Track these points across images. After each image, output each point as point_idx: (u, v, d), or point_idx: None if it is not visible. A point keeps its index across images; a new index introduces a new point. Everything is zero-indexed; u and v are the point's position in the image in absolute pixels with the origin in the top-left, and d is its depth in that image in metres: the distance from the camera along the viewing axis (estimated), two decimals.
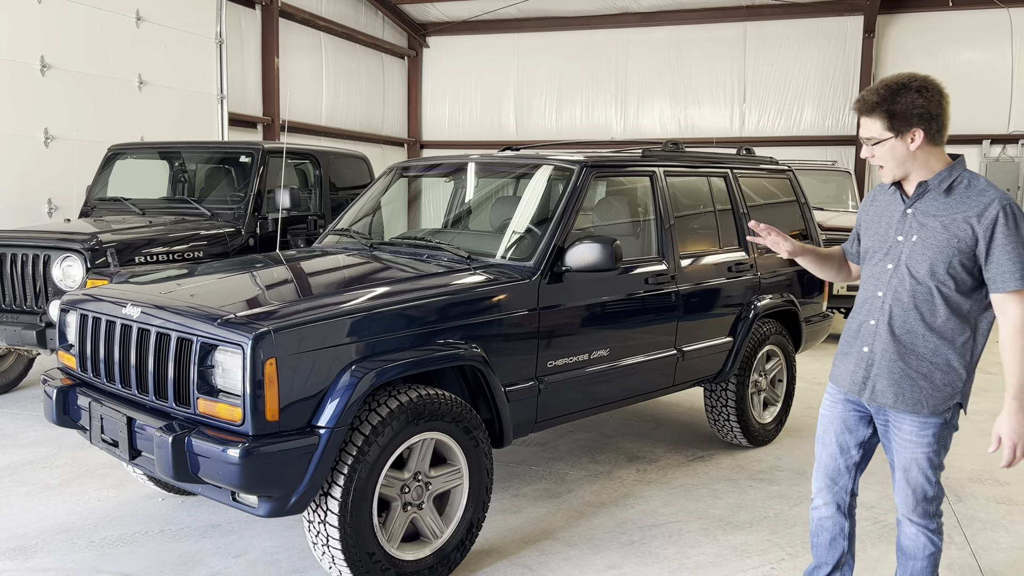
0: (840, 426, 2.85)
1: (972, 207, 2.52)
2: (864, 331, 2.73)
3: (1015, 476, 4.90)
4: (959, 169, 2.62)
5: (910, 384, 2.62)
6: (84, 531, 3.94)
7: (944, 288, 2.56)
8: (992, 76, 13.33)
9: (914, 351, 2.61)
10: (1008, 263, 2.47)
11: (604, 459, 5.11)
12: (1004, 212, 2.49)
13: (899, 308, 2.62)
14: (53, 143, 8.74)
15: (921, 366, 2.61)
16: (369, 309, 3.27)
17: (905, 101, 2.52)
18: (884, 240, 2.70)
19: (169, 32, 10.25)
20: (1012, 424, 2.51)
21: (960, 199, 2.56)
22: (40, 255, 5.61)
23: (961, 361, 2.61)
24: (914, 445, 2.67)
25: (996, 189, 2.56)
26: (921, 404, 2.62)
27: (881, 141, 2.58)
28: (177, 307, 3.25)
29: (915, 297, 2.59)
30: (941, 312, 2.57)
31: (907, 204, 2.65)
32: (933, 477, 2.69)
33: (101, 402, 3.37)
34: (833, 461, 2.87)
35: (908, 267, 2.60)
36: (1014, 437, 2.51)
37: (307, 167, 7.39)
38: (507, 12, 15.28)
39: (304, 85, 13.73)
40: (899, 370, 2.64)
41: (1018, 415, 2.51)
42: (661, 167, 4.73)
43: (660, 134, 14.97)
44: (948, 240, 2.53)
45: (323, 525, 3.11)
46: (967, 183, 2.58)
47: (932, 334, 2.59)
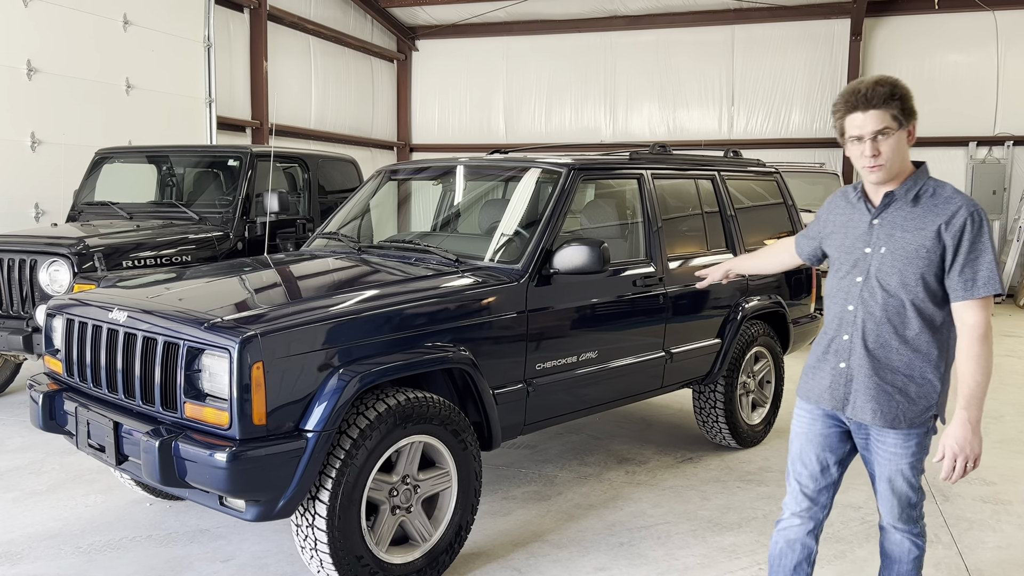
0: (821, 444, 2.74)
1: (940, 215, 2.46)
2: (838, 346, 2.64)
3: (1001, 476, 4.93)
4: (924, 177, 2.55)
5: (887, 399, 2.55)
6: (71, 537, 3.92)
7: (916, 300, 2.49)
8: (978, 78, 13.42)
9: (888, 365, 2.54)
10: (969, 271, 2.43)
11: (593, 461, 5.11)
12: (972, 219, 2.43)
13: (872, 322, 2.55)
14: (40, 147, 8.70)
15: (896, 380, 2.54)
16: (357, 312, 3.27)
17: (905, 93, 2.48)
18: (851, 252, 2.62)
19: (157, 36, 10.22)
20: (957, 436, 2.43)
21: (927, 208, 2.49)
22: (27, 259, 5.58)
23: (936, 373, 2.55)
24: (898, 457, 2.61)
25: (962, 196, 2.50)
26: (899, 419, 2.55)
27: (891, 134, 2.46)
28: (164, 311, 3.24)
29: (887, 310, 2.52)
30: (914, 325, 2.50)
31: (873, 215, 2.57)
32: (916, 483, 2.66)
33: (88, 407, 3.35)
34: (814, 482, 2.75)
35: (878, 280, 2.53)
36: (956, 449, 2.44)
37: (296, 171, 7.38)
38: (496, 16, 15.30)
39: (293, 89, 13.70)
40: (875, 385, 2.56)
41: (965, 427, 2.44)
42: (649, 170, 4.74)
43: (649, 137, 15.00)
44: (917, 251, 2.47)
45: (311, 529, 3.11)
46: (932, 191, 2.52)
47: (906, 347, 2.52)
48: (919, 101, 2.52)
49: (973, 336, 2.44)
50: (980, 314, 2.45)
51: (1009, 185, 13.51)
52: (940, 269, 2.46)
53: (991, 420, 6.14)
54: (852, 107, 2.49)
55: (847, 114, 2.51)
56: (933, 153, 13.82)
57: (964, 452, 2.43)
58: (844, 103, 2.52)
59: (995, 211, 13.55)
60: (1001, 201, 13.52)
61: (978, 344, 2.44)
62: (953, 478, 2.46)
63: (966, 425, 2.43)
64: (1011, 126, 13.34)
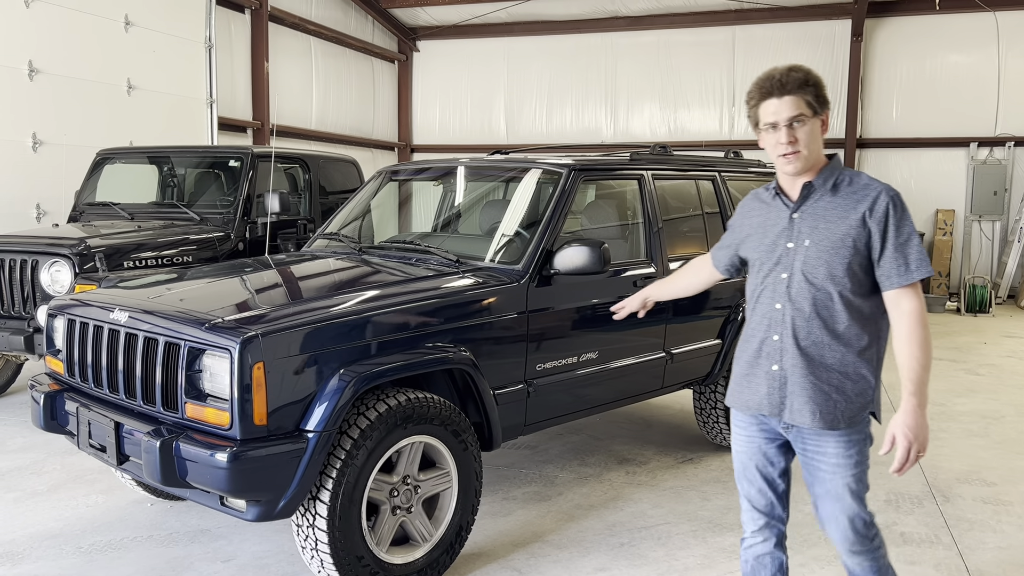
0: (761, 459, 2.63)
1: (862, 203, 2.38)
2: (768, 348, 2.51)
3: (1002, 476, 4.93)
4: (839, 167, 2.49)
5: (824, 399, 2.43)
6: (72, 537, 3.93)
7: (844, 291, 2.40)
8: (979, 79, 13.41)
9: (823, 363, 2.43)
10: (900, 256, 2.35)
11: (594, 462, 5.11)
12: (892, 203, 2.37)
13: (801, 319, 2.43)
14: (41, 148, 8.71)
15: (832, 378, 2.43)
16: (358, 313, 3.27)
17: (819, 81, 2.43)
18: (773, 250, 2.51)
19: (158, 36, 10.22)
20: (909, 422, 2.32)
21: (847, 197, 2.41)
22: (28, 260, 5.59)
23: (869, 368, 2.45)
24: (843, 468, 2.47)
25: (879, 182, 2.42)
26: (838, 419, 2.43)
27: (806, 121, 2.39)
28: (165, 311, 3.25)
29: (816, 305, 2.42)
30: (843, 318, 2.41)
31: (793, 208, 2.48)
32: (863, 499, 2.50)
33: (89, 407, 3.36)
34: (764, 497, 2.64)
35: (804, 274, 2.43)
36: (909, 435, 2.32)
37: (297, 171, 7.38)
38: (497, 16, 15.30)
39: (294, 89, 13.71)
40: (811, 385, 2.44)
41: (917, 412, 2.32)
42: (649, 170, 4.74)
43: (650, 137, 14.99)
44: (843, 240, 2.38)
45: (312, 529, 3.11)
46: (849, 180, 2.45)
47: (837, 342, 2.42)
48: (920, 102, 2.53)
49: (913, 321, 2.34)
50: (916, 298, 2.36)
51: (1010, 186, 13.50)
52: (866, 259, 2.39)
53: (992, 421, 6.15)
54: (767, 93, 2.42)
55: (761, 101, 2.43)
56: (934, 154, 13.84)
57: (918, 439, 2.32)
58: (758, 90, 2.44)
59: (996, 212, 13.55)
60: (1002, 202, 13.52)
61: (920, 328, 2.34)
62: (905, 468, 2.33)
63: (916, 411, 2.32)
64: (1012, 127, 13.34)
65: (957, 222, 13.78)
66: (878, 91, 14.04)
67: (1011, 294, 13.19)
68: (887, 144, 13.99)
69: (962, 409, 6.50)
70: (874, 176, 2.48)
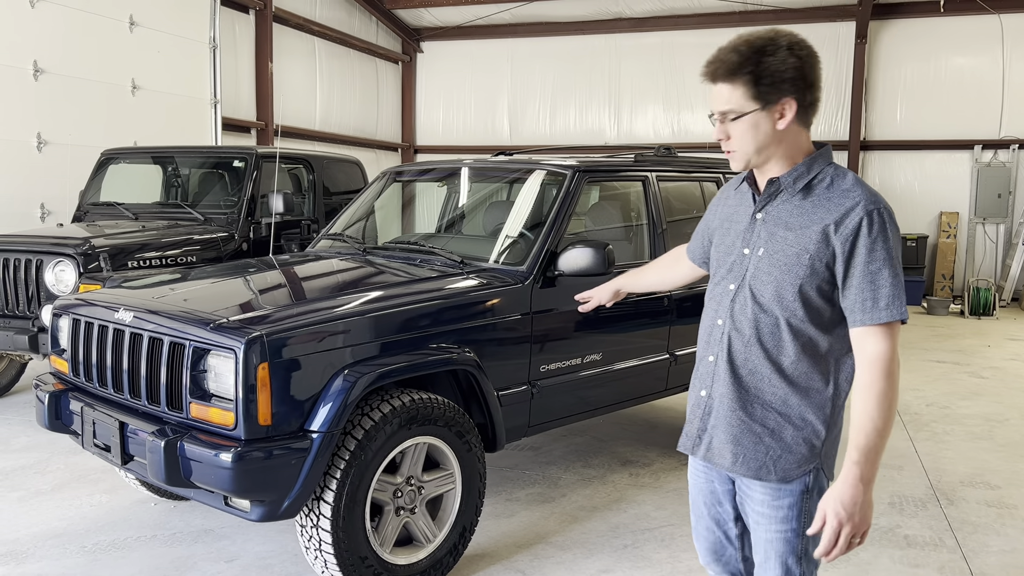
0: (708, 498, 2.22)
1: (831, 212, 1.90)
2: (703, 370, 2.11)
3: (1006, 480, 4.92)
4: (822, 163, 1.98)
5: (752, 441, 1.99)
6: (76, 536, 3.93)
7: (794, 319, 1.93)
8: (983, 81, 13.39)
9: (759, 398, 1.99)
10: (868, 288, 1.86)
11: (597, 463, 5.11)
12: (869, 220, 1.86)
13: (739, 341, 2.01)
14: (46, 148, 8.72)
15: (767, 418, 1.98)
16: (362, 313, 3.27)
17: (775, 60, 1.89)
18: (729, 252, 2.09)
19: (163, 37, 10.24)
20: (843, 497, 1.82)
21: (819, 202, 1.93)
22: (33, 260, 5.60)
23: (819, 415, 1.97)
24: (768, 520, 2.02)
25: (864, 189, 1.92)
26: (767, 468, 1.98)
27: (741, 115, 1.93)
28: (170, 311, 3.25)
29: (758, 328, 1.97)
30: (790, 350, 1.95)
31: (757, 206, 2.03)
32: (797, 570, 2.01)
33: (93, 407, 3.36)
34: (711, 534, 2.24)
35: (752, 289, 1.99)
36: (841, 514, 1.81)
37: (300, 172, 7.39)
38: (501, 18, 15.31)
39: (298, 90, 13.72)
40: (738, 422, 2.01)
41: (856, 486, 1.82)
42: (654, 172, 4.74)
43: (653, 139, 15.00)
44: (798, 256, 1.92)
45: (316, 529, 3.11)
46: (830, 181, 1.95)
47: (780, 378, 1.96)
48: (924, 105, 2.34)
49: (875, 371, 1.86)
50: (883, 343, 1.88)
51: (1014, 188, 13.48)
52: (828, 282, 1.92)
53: (996, 423, 6.14)
54: (706, 75, 1.99)
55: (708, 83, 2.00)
56: (938, 156, 13.82)
57: (852, 519, 1.82)
58: (703, 71, 2.00)
59: (1000, 215, 13.53)
60: (1006, 204, 13.50)
61: (881, 380, 1.86)
62: (833, 554, 1.83)
63: (856, 485, 1.81)
64: (1016, 129, 13.32)
65: (961, 225, 13.76)
66: (882, 93, 14.02)
67: (1015, 297, 13.17)
68: (891, 146, 13.98)
69: (966, 412, 6.49)
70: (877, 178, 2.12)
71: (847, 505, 1.81)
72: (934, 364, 8.39)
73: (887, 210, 1.89)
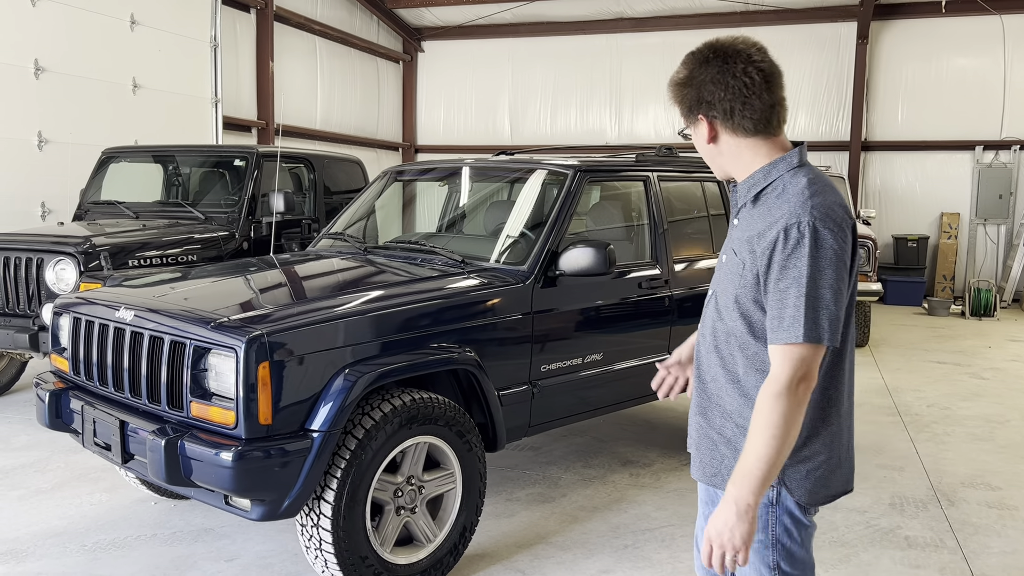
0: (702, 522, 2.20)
1: (763, 221, 1.84)
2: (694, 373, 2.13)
3: (1007, 480, 4.91)
4: (781, 169, 1.88)
5: (709, 448, 1.99)
6: (76, 535, 3.93)
7: (737, 330, 1.90)
8: (985, 82, 13.38)
9: (719, 405, 1.97)
10: (776, 305, 1.78)
11: (598, 463, 5.11)
12: (785, 235, 1.76)
13: (703, 346, 2.02)
14: (47, 146, 8.72)
15: (725, 427, 1.95)
16: (363, 313, 3.27)
17: (699, 75, 1.90)
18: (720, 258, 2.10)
19: (164, 36, 10.24)
20: (715, 516, 1.80)
21: (762, 212, 1.86)
22: (33, 258, 5.60)
23: None
24: None
25: (800, 200, 1.80)
26: (720, 476, 1.96)
27: (694, 132, 1.97)
28: (171, 310, 3.25)
29: (716, 335, 1.97)
30: (740, 361, 1.91)
31: (733, 213, 2.03)
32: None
33: (94, 406, 3.36)
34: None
35: (716, 296, 2.00)
36: (710, 532, 1.80)
37: (301, 171, 7.39)
38: (502, 17, 15.30)
39: (299, 89, 13.72)
40: (698, 428, 2.03)
41: (726, 508, 1.78)
42: (655, 172, 4.74)
43: (655, 139, 14.99)
44: (739, 266, 1.89)
45: (316, 529, 3.11)
46: (782, 188, 1.86)
47: (734, 388, 1.93)
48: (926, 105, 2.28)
49: (766, 392, 1.77)
50: (780, 366, 1.76)
51: (1015, 189, 13.47)
52: (760, 295, 1.86)
53: (996, 425, 6.13)
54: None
55: None
56: (939, 157, 13.81)
57: (722, 538, 1.78)
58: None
59: (1001, 215, 13.53)
60: (1007, 205, 13.49)
61: (769, 404, 1.75)
62: (716, 570, 1.83)
63: (730, 506, 1.77)
64: (1018, 130, 13.31)
65: (962, 225, 13.75)
66: (883, 94, 14.02)
67: (1016, 298, 13.16)
68: (892, 147, 13.97)
69: (967, 413, 6.48)
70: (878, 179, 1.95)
71: (716, 525, 1.80)
72: (935, 365, 8.39)
73: (811, 226, 1.75)
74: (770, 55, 1.90)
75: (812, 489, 1.92)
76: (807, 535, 1.97)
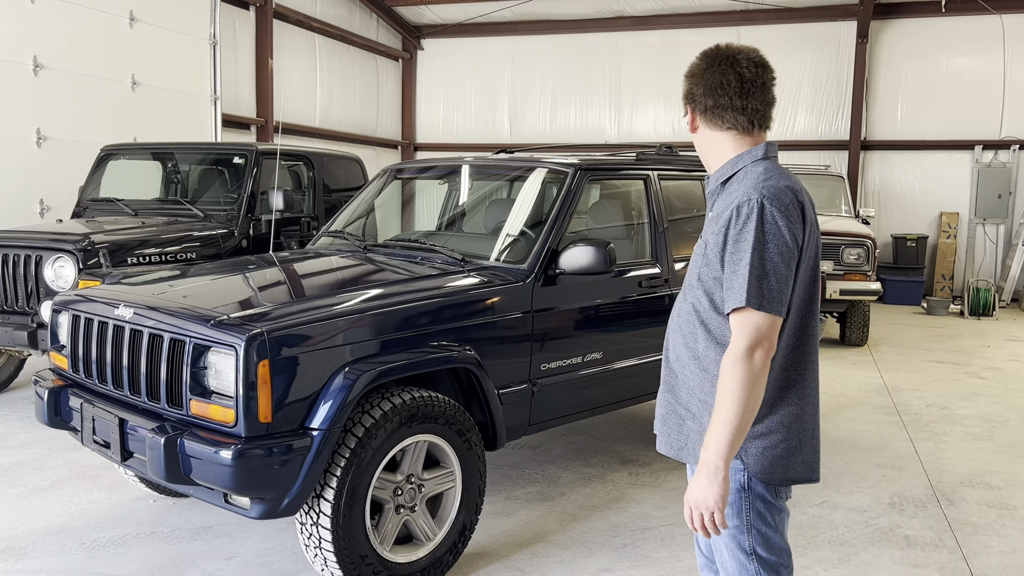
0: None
1: (722, 202, 2.04)
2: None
3: (1006, 480, 4.92)
4: (745, 160, 2.06)
5: (676, 423, 2.12)
6: (75, 533, 3.92)
7: (700, 307, 2.05)
8: (984, 82, 13.38)
9: (684, 382, 2.10)
10: (730, 277, 1.93)
11: (597, 462, 5.11)
12: (737, 212, 1.93)
13: (672, 325, 2.18)
14: (46, 143, 8.71)
15: (691, 403, 2.08)
16: (362, 311, 3.27)
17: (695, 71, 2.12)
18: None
19: (163, 33, 10.22)
20: (691, 483, 1.94)
21: (723, 198, 2.07)
22: (32, 256, 5.59)
23: None
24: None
25: (753, 183, 1.97)
26: (688, 450, 2.09)
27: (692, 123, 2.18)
28: (170, 308, 3.24)
29: (680, 314, 2.13)
30: (701, 337, 2.05)
31: (708, 203, 2.20)
32: (751, 566, 2.06)
33: (93, 403, 3.35)
34: (700, 555, 2.35)
35: (684, 278, 2.20)
36: (689, 499, 1.94)
37: (300, 169, 7.38)
38: (501, 15, 15.29)
39: (298, 87, 13.70)
40: (666, 404, 2.16)
41: (698, 473, 1.92)
42: (655, 170, 4.73)
43: (654, 137, 14.98)
44: (699, 248, 2.10)
45: (315, 527, 3.11)
46: (743, 177, 2.04)
47: (695, 364, 2.07)
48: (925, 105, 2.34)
49: (725, 359, 1.91)
50: (736, 333, 1.91)
51: (1014, 189, 13.47)
52: (719, 271, 2.00)
53: (996, 424, 6.13)
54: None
55: None
56: (938, 156, 13.81)
57: (696, 502, 1.91)
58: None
59: (1000, 215, 13.53)
60: (1006, 205, 13.50)
61: (727, 369, 1.89)
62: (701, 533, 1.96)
63: (701, 471, 1.90)
64: (1017, 130, 13.31)
65: (961, 225, 13.76)
66: (883, 93, 14.02)
67: (1015, 298, 13.17)
68: (892, 146, 13.97)
69: (966, 413, 6.49)
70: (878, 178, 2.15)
71: (692, 491, 1.93)
72: (934, 364, 8.39)
73: (759, 203, 1.92)
74: (761, 66, 2.06)
75: (769, 466, 2.03)
76: (781, 520, 2.10)
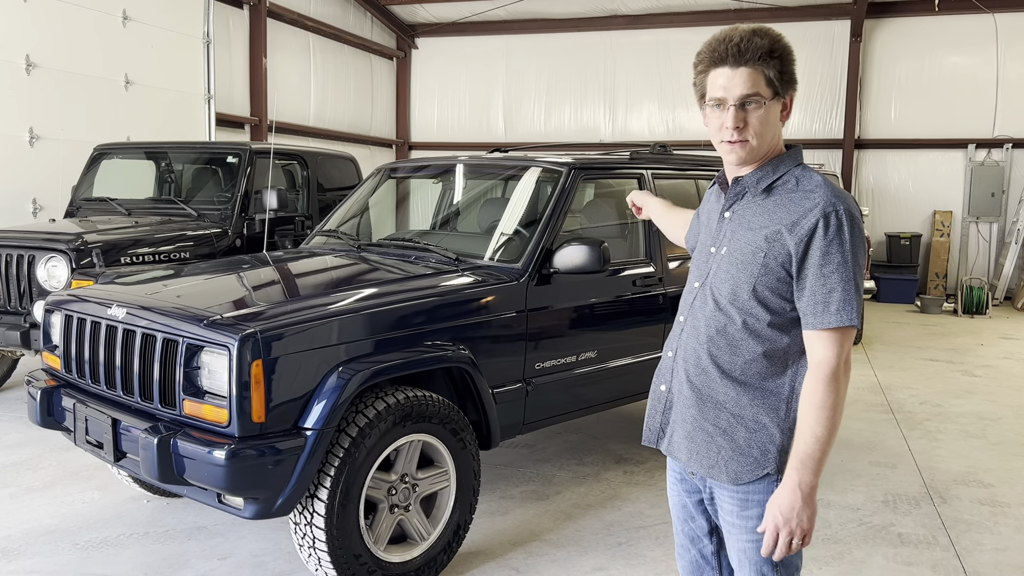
0: (681, 512, 2.21)
1: (790, 212, 1.89)
2: (664, 365, 2.15)
3: (999, 478, 4.93)
4: (788, 164, 1.97)
5: (705, 440, 2.00)
6: (68, 533, 3.91)
7: (750, 319, 1.92)
8: (978, 80, 13.42)
9: (711, 398, 1.98)
10: (821, 291, 1.83)
11: (591, 461, 5.11)
12: (826, 221, 1.83)
13: (693, 339, 2.02)
14: (38, 143, 8.68)
15: (720, 419, 1.97)
16: (356, 310, 3.26)
17: (790, 53, 1.94)
18: (702, 251, 2.11)
19: (156, 31, 10.19)
20: (783, 503, 1.85)
21: (781, 202, 1.92)
22: (25, 255, 5.57)
23: (773, 417, 1.93)
24: (739, 530, 2.00)
25: (828, 191, 1.88)
26: (718, 468, 1.98)
27: (763, 103, 1.90)
28: (163, 308, 3.23)
29: (711, 327, 1.98)
30: (745, 351, 1.93)
31: (724, 205, 2.05)
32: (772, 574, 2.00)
33: (86, 403, 3.34)
34: (687, 552, 2.23)
35: (711, 288, 2.00)
36: (777, 517, 1.85)
37: (294, 168, 7.36)
38: (496, 14, 15.28)
39: (292, 86, 13.67)
40: (692, 420, 2.02)
41: (795, 493, 1.83)
42: (649, 169, 4.74)
43: (648, 136, 14.99)
44: (754, 255, 1.91)
45: (309, 527, 3.10)
46: (795, 183, 1.94)
47: (728, 380, 1.95)
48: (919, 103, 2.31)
49: (818, 376, 1.84)
50: (831, 349, 1.84)
51: (1007, 187, 13.52)
52: (783, 281, 1.90)
53: (989, 422, 6.15)
54: (719, 60, 1.93)
55: (711, 68, 1.94)
56: (932, 155, 13.84)
57: (790, 524, 1.84)
58: (710, 53, 1.95)
59: (993, 214, 13.57)
60: (999, 204, 13.54)
61: (823, 387, 1.82)
62: (776, 555, 1.88)
63: (795, 491, 1.83)
64: (1010, 128, 13.35)
65: (955, 223, 13.80)
66: (877, 92, 14.04)
67: (1008, 296, 13.21)
68: (885, 145, 14.00)
69: (959, 410, 6.51)
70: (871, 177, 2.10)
71: (784, 510, 1.85)
72: (927, 362, 8.41)
73: (847, 213, 1.85)
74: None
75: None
76: None
